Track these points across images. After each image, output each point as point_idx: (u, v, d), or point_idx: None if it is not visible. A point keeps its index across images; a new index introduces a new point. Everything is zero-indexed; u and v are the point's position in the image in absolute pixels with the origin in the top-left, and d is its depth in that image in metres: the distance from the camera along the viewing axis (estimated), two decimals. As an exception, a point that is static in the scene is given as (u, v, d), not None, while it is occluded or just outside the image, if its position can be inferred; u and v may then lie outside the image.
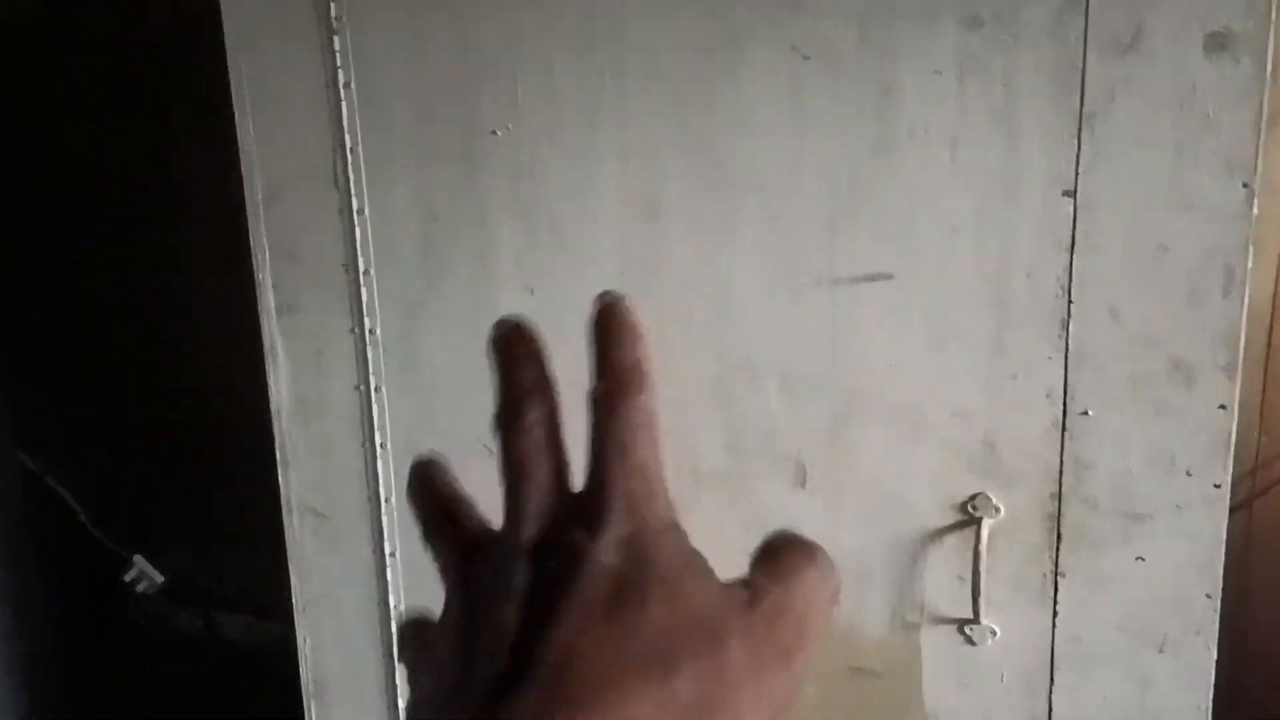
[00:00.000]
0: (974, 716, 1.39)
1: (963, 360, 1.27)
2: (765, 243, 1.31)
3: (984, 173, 1.21)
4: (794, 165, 1.28)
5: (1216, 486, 1.22)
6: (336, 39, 1.42)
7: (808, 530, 0.38)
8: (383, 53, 1.41)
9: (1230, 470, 1.21)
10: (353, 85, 1.44)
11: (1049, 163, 1.18)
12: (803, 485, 1.38)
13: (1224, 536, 1.23)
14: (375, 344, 1.53)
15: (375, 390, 1.56)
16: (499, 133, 1.39)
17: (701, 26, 1.27)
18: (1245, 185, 1.12)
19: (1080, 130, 1.16)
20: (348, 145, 1.46)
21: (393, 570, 1.63)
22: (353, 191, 1.48)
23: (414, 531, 0.41)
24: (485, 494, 1.48)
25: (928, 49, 1.19)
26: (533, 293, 1.44)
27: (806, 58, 1.24)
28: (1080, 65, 1.14)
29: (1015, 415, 1.27)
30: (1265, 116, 1.10)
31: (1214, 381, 1.19)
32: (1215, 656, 1.27)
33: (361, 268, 1.51)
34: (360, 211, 1.48)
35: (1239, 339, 1.17)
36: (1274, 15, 1.07)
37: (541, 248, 1.42)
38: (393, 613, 1.64)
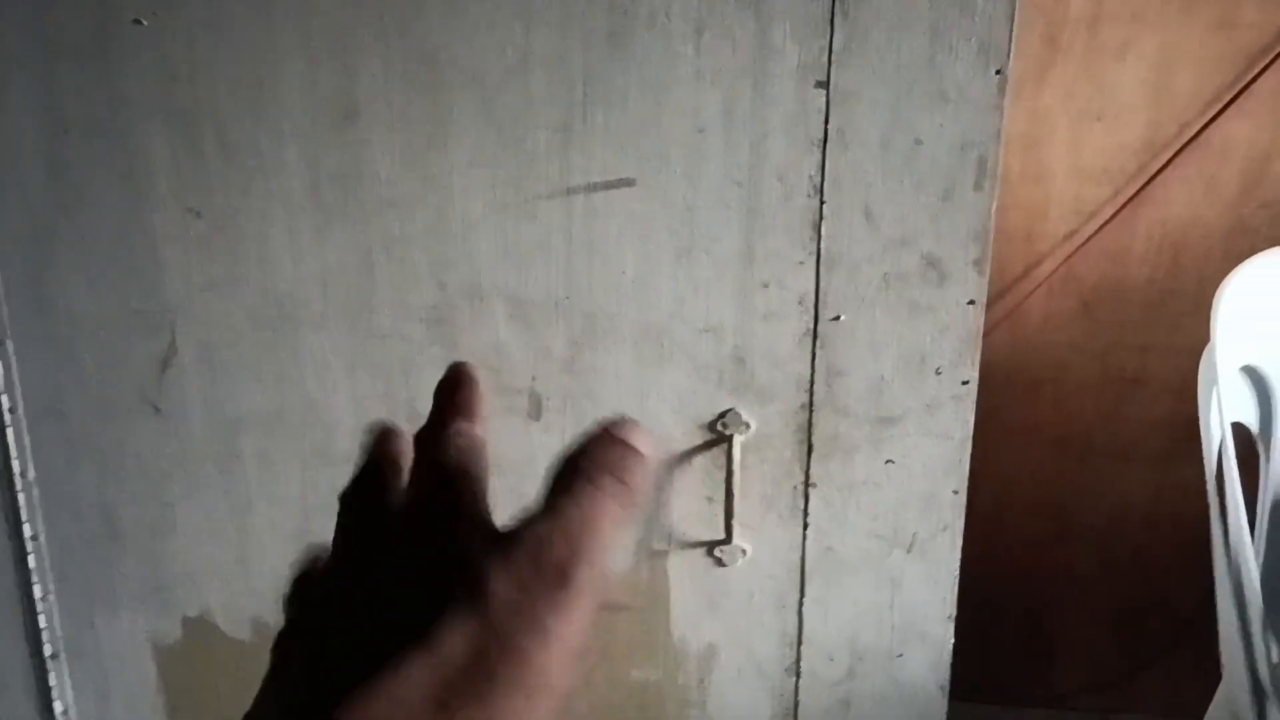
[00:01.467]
0: (724, 638, 1.34)
1: (711, 271, 1.17)
2: (487, 150, 1.15)
3: (732, 65, 1.10)
4: (518, 59, 1.11)
5: (964, 383, 1.20)
6: (-94, -101, 1.10)
7: (543, 467, 0.37)
8: (-25, -82, 1.10)
9: (977, 365, 1.19)
10: (-66, -39, 1.12)
11: (801, 51, 1.09)
12: (537, 418, 1.25)
13: (971, 431, 1.22)
14: (-7, 289, 1.24)
15: (-2, 345, 1.26)
16: (144, 22, 1.13)
17: (401, -108, 1.07)
18: (999, 73, 1.08)
19: (833, 15, 1.07)
20: (-67, 39, 1.14)
21: (36, 553, 1.35)
22: (-55, 99, 1.17)
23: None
24: (150, 449, 1.21)
25: (668, -76, 1.06)
26: (200, 215, 1.20)
27: (530, -68, 1.07)
28: (833, -56, 1.05)
29: (766, 326, 1.19)
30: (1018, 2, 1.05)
31: (964, 277, 1.16)
32: (960, 550, 1.27)
33: (-35, 195, 1.20)
34: (-42, 124, 1.18)
35: (989, 233, 1.14)
36: (1029, -107, 1.02)
37: (208, 162, 1.18)
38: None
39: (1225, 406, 1.46)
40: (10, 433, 1.30)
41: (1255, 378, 1.58)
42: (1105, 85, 1.98)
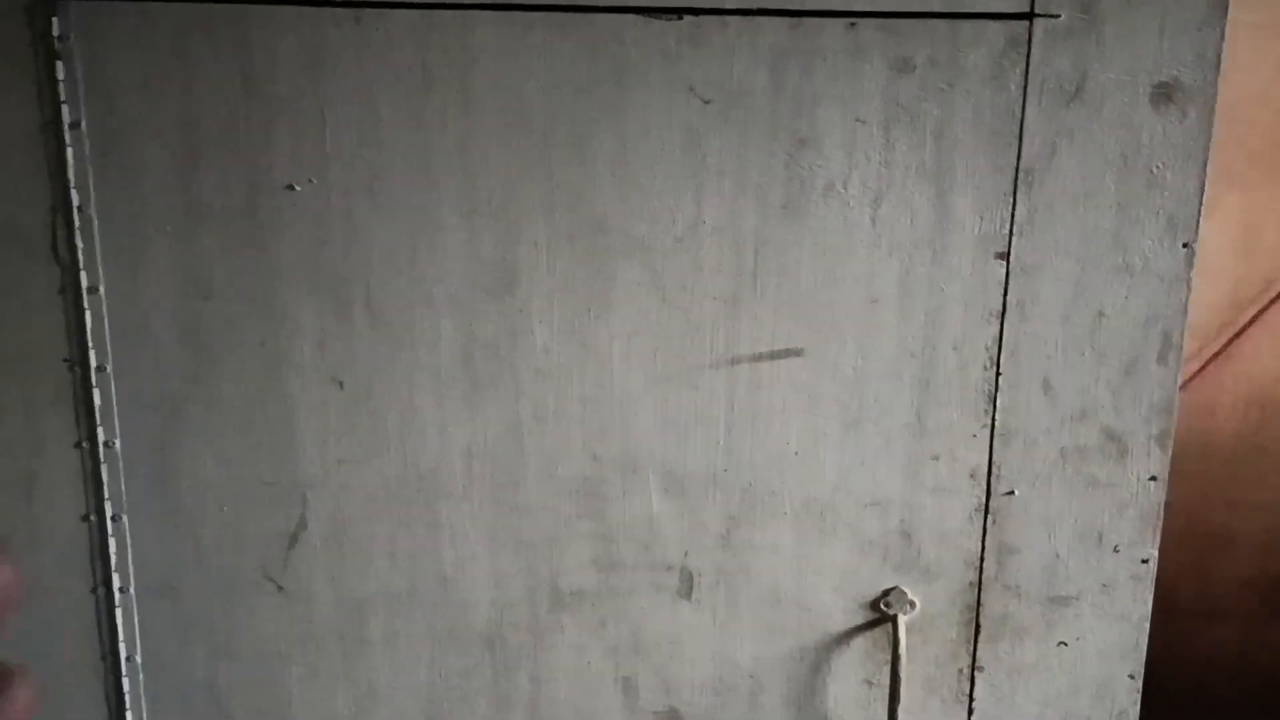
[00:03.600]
0: (877, 832, 1.25)
1: (879, 443, 1.13)
2: (650, 318, 1.11)
3: (910, 235, 1.07)
4: (688, 227, 1.08)
5: (1144, 561, 1.14)
6: (60, 64, 1.07)
7: (691, 648, 0.28)
8: (129, 82, 1.07)
9: (1158, 543, 1.14)
10: (83, 125, 1.08)
11: (981, 223, 1.06)
12: (689, 597, 1.18)
13: (1149, 612, 1.16)
14: (113, 459, 1.18)
15: (112, 519, 1.19)
16: (299, 187, 1.09)
17: (577, 61, 1.04)
18: (1186, 246, 1.05)
19: (1016, 187, 1.05)
20: (74, 203, 1.10)
21: (138, 745, 1.26)
22: (81, 263, 1.12)
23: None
24: (270, 631, 1.13)
25: (851, 94, 1.04)
26: (342, 386, 1.15)
27: (707, 101, 1.04)
28: (1019, 115, 1.03)
29: (935, 500, 1.14)
30: (1208, 174, 1.03)
31: (1146, 452, 1.11)
32: (1133, 738, 1.20)
33: (94, 362, 1.15)
34: (92, 290, 1.13)
35: (1173, 407, 1.10)
36: (1222, 67, 1.01)
37: (356, 330, 1.13)
38: (135, 798, 1.27)
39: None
40: (119, 613, 1.22)
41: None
42: (1192, 242, 1.98)
